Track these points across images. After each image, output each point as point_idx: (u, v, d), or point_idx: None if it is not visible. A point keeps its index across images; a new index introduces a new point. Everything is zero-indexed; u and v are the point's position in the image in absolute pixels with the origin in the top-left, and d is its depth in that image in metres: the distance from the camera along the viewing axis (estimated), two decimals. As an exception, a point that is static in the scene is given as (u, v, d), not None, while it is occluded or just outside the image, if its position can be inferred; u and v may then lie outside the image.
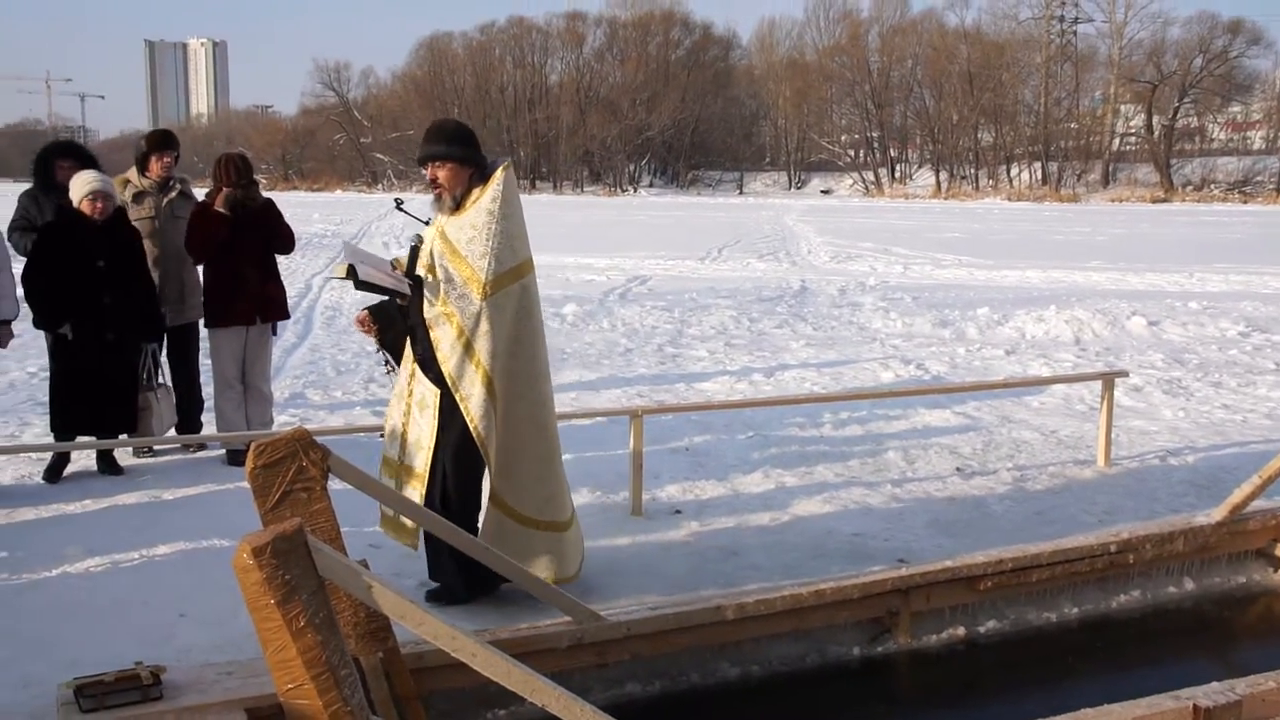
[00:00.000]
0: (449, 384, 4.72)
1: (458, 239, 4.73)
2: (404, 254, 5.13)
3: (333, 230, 32.34)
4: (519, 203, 4.86)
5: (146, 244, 7.20)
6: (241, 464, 6.97)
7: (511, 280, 4.75)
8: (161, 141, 7.56)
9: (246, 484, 4.22)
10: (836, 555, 5.67)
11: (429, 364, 4.80)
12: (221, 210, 7.07)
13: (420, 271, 4.83)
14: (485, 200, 4.74)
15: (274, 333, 7.54)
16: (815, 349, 12.08)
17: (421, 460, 4.85)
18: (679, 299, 16.34)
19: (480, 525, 4.91)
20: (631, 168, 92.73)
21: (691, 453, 7.60)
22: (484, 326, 4.67)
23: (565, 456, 7.26)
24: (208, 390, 7.71)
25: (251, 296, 7.19)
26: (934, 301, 16.18)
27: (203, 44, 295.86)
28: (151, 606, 4.87)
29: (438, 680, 4.12)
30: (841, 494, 6.72)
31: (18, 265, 6.72)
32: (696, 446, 7.76)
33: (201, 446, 7.49)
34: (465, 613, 4.77)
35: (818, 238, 30.84)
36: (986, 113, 79.75)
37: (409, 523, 4.83)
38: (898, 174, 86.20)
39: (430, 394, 4.83)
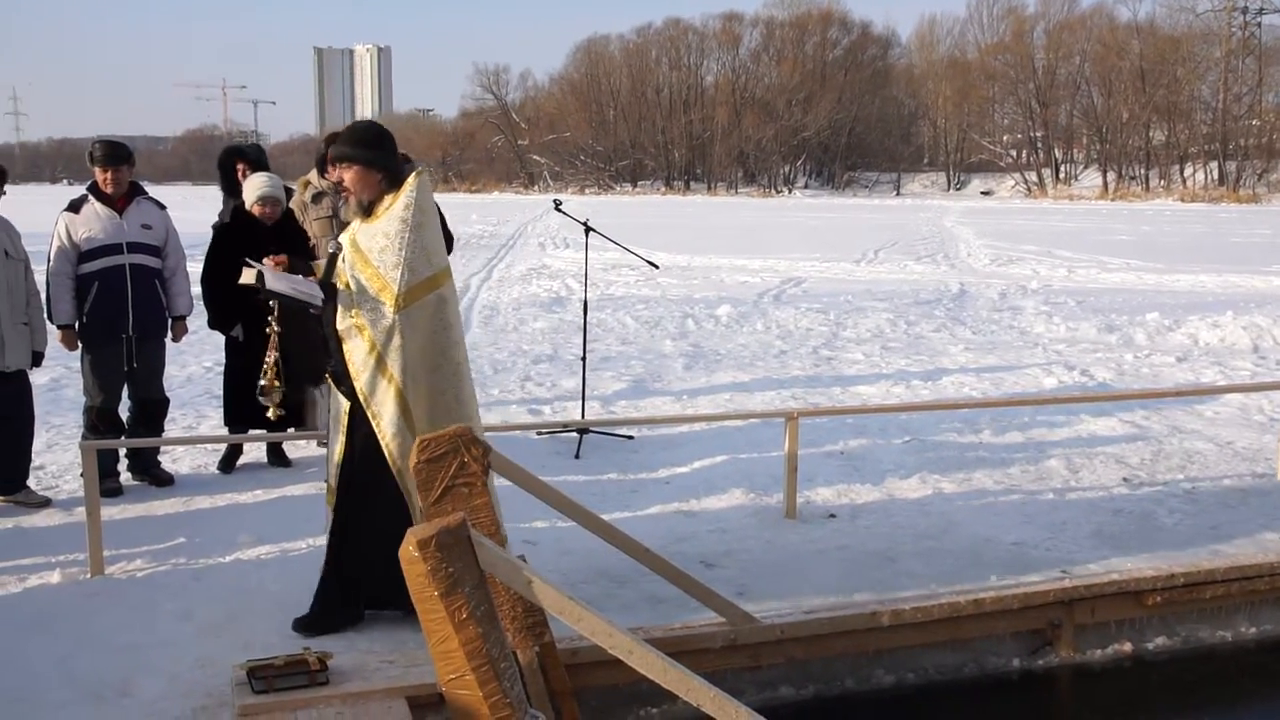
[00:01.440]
0: (361, 400, 4.47)
1: (369, 248, 4.47)
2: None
3: (491, 231, 33.00)
4: (435, 210, 4.62)
5: (323, 242, 7.47)
6: (404, 458, 7.21)
7: (426, 291, 4.48)
8: None
9: (409, 477, 4.35)
10: (995, 564, 5.52)
11: (342, 378, 4.55)
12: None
13: (336, 281, 4.57)
14: (398, 208, 4.48)
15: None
16: (974, 353, 11.80)
17: (335, 476, 4.63)
18: (834, 301, 16.16)
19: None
20: (786, 169, 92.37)
21: (846, 456, 7.51)
22: (396, 340, 4.41)
23: (719, 458, 7.33)
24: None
25: None
26: (1100, 306, 15.63)
27: (368, 50, 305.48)
28: (318, 594, 5.03)
29: (591, 676, 4.17)
30: (1001, 502, 6.55)
31: (194, 266, 7.05)
32: (851, 450, 7.66)
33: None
34: (619, 610, 4.80)
35: (977, 240, 30.13)
36: (1159, 110, 76.78)
37: None
38: (1062, 174, 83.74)
39: (342, 408, 4.59)
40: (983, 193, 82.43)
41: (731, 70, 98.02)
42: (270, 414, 5.12)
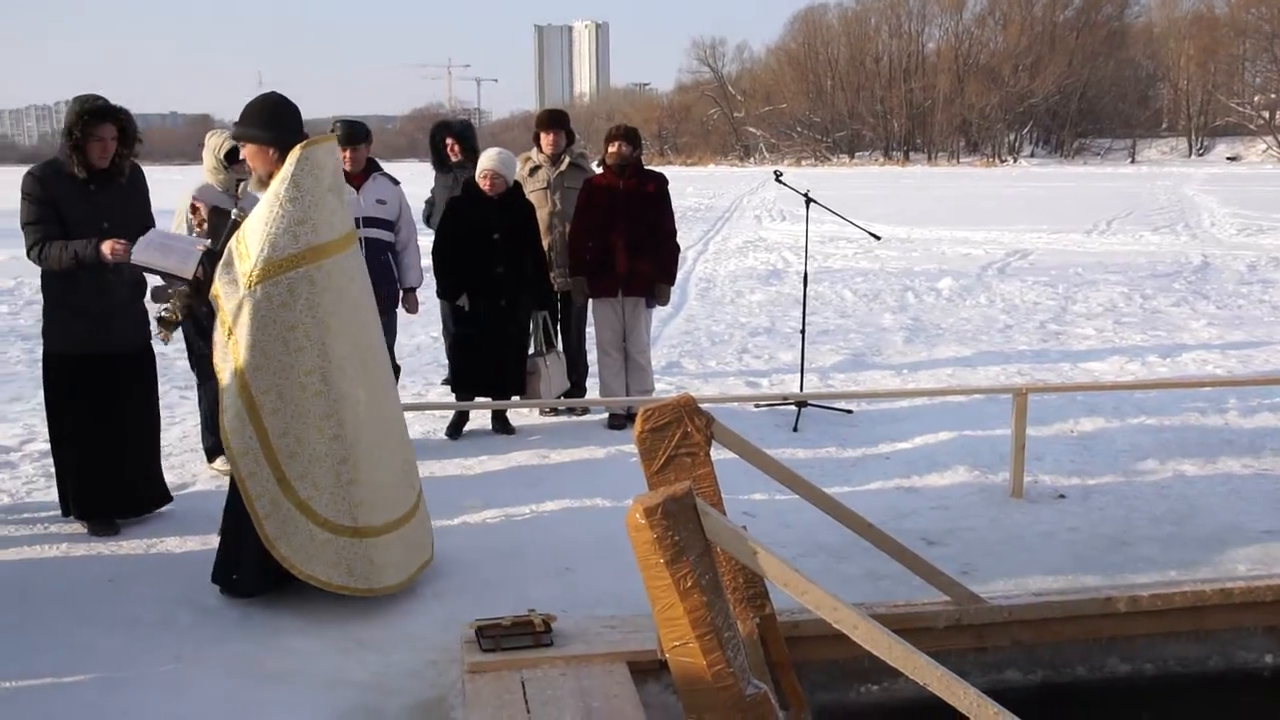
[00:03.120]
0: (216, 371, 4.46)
1: (250, 220, 4.42)
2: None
3: (707, 204, 33.06)
4: (319, 185, 4.38)
5: (541, 212, 7.63)
6: (621, 428, 7.31)
7: (287, 268, 4.30)
8: (548, 121, 8.02)
9: (626, 448, 4.40)
10: (1243, 554, 5.20)
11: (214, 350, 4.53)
12: (603, 184, 7.39)
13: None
14: (274, 182, 4.36)
15: (648, 305, 7.71)
16: (1219, 329, 11.10)
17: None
18: (1063, 274, 15.50)
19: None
20: (1011, 137, 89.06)
21: (1077, 435, 7.19)
22: (244, 316, 4.32)
23: (942, 434, 7.13)
24: (594, 355, 8.09)
25: (617, 271, 7.43)
26: (1363, 278, 14.48)
27: (586, 26, 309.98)
28: (541, 558, 5.16)
29: (812, 650, 4.13)
30: (1249, 487, 6.15)
31: (424, 239, 7.33)
32: (1083, 429, 7.33)
33: (586, 410, 7.86)
34: (839, 585, 4.73)
35: (1222, 209, 28.31)
36: None
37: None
38: (1320, 137, 77.74)
39: None
40: (1229, 158, 77.37)
41: (954, 36, 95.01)
42: (162, 334, 4.99)
